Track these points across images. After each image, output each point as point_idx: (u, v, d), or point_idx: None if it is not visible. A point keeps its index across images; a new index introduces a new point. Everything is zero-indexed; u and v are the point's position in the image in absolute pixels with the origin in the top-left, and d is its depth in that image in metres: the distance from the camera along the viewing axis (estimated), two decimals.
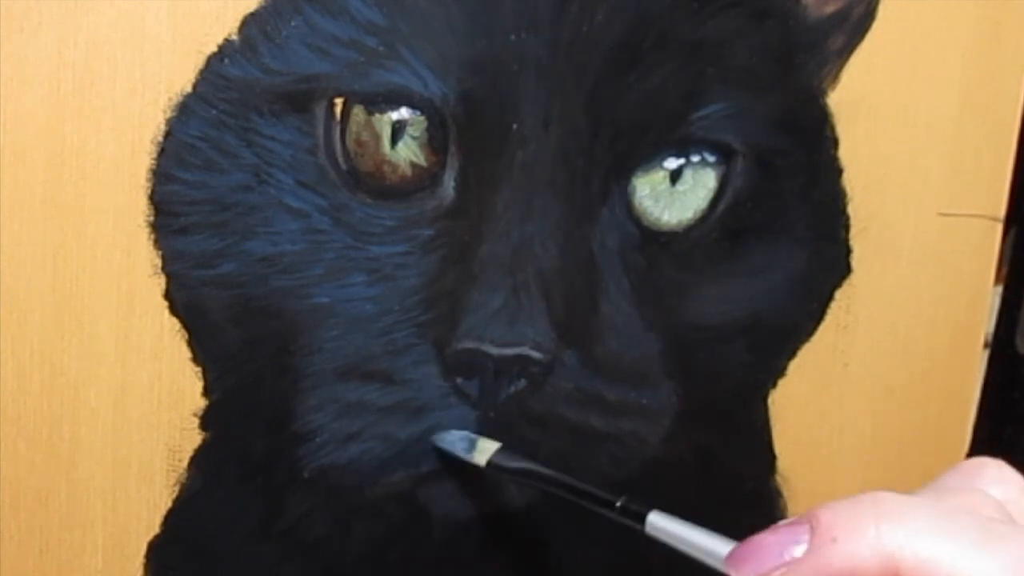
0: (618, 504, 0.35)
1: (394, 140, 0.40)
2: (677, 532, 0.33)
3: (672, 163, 0.42)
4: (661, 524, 0.34)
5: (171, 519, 0.42)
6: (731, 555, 0.30)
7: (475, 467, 0.40)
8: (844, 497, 0.30)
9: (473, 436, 0.41)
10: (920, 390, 0.51)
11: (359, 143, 0.40)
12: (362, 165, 0.40)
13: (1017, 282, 0.61)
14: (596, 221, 0.42)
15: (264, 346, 0.41)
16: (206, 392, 0.41)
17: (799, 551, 0.29)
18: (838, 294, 0.48)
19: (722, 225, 0.43)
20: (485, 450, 0.40)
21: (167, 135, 0.39)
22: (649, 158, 0.42)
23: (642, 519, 0.34)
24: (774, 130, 0.44)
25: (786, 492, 0.49)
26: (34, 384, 0.39)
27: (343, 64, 0.39)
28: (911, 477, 0.51)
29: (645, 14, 0.40)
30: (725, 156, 0.43)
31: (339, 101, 0.39)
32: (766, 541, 0.30)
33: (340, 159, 0.40)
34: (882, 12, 0.45)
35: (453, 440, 0.41)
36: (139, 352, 0.40)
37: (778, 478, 0.48)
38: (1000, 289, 0.60)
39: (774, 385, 0.48)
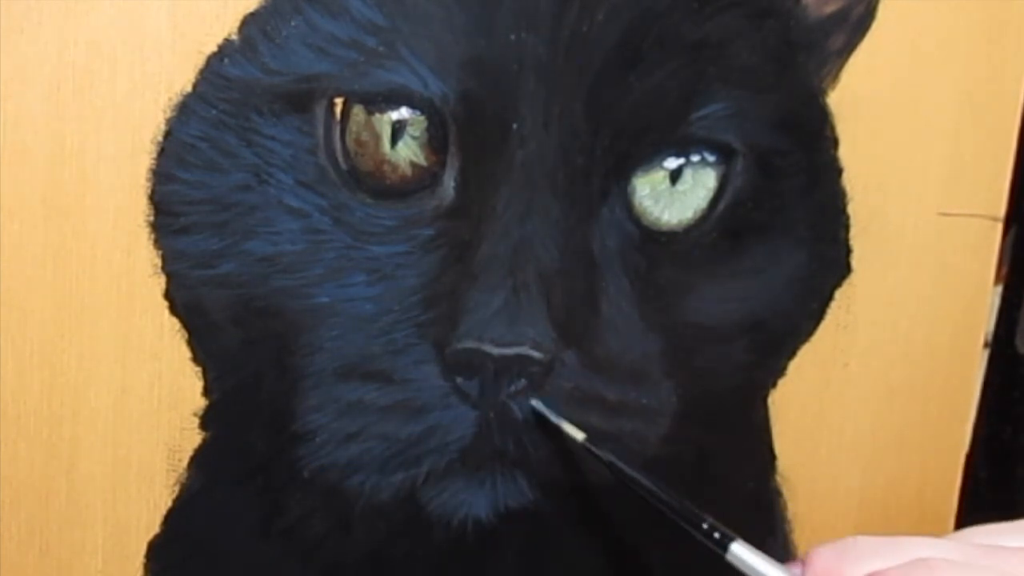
0: (704, 526, 0.36)
1: (394, 140, 0.40)
2: (757, 567, 0.34)
3: (672, 163, 0.42)
4: (743, 555, 0.35)
5: (171, 519, 0.42)
6: None
7: (570, 439, 0.41)
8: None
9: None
10: (920, 390, 0.51)
11: (359, 143, 0.40)
12: (362, 165, 0.40)
13: (1017, 282, 0.61)
14: (596, 221, 0.42)
15: (264, 346, 0.41)
16: (206, 392, 0.41)
17: None
18: (838, 294, 0.48)
19: (722, 225, 0.43)
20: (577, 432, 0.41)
21: (167, 135, 0.39)
22: (649, 158, 0.42)
23: (725, 547, 0.35)
24: (774, 130, 0.44)
25: (786, 492, 0.49)
26: (34, 384, 0.39)
27: (343, 64, 0.39)
28: (911, 477, 0.51)
29: (645, 14, 0.40)
30: (725, 156, 0.43)
31: (339, 101, 0.40)
32: None
33: (340, 159, 0.40)
34: (882, 12, 0.45)
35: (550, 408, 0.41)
36: (139, 352, 0.40)
37: (778, 478, 0.48)
38: (1000, 289, 0.60)
39: (774, 385, 0.48)
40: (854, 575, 0.32)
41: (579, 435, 0.41)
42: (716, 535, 0.36)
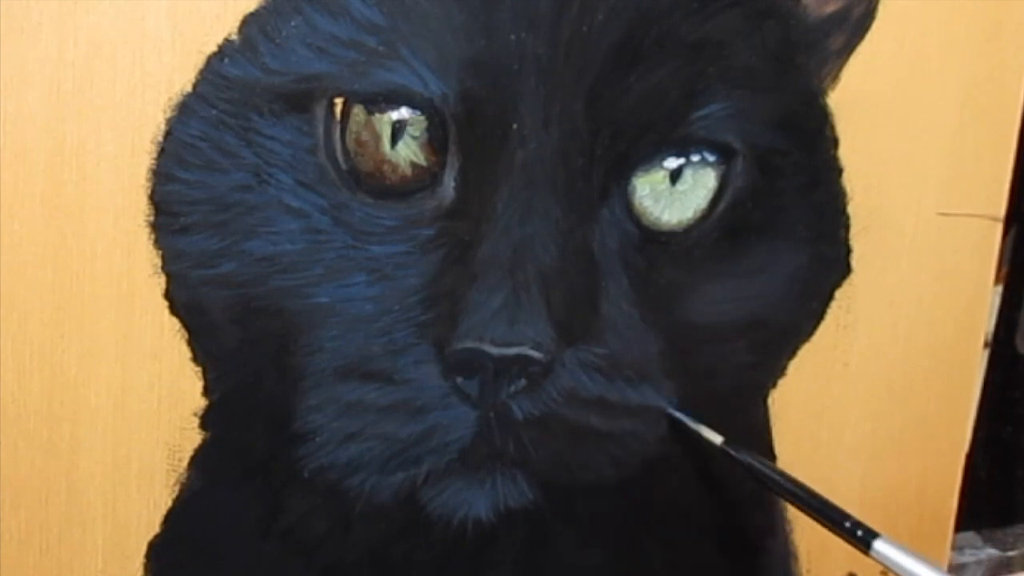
0: (847, 524, 0.38)
1: (394, 140, 0.40)
2: (902, 563, 0.35)
3: (672, 163, 0.42)
4: (887, 551, 0.36)
5: (171, 519, 0.42)
6: None
7: (708, 443, 0.42)
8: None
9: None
10: (920, 390, 0.51)
11: (359, 143, 0.40)
12: (362, 165, 0.40)
13: (1017, 282, 0.61)
14: (596, 221, 0.42)
15: (264, 346, 0.41)
16: (206, 392, 0.41)
17: None
18: (838, 294, 0.48)
19: (722, 225, 0.43)
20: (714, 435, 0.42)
21: (167, 135, 0.39)
22: (649, 158, 0.42)
23: (868, 543, 0.37)
24: (774, 130, 0.44)
25: None
26: (34, 384, 0.39)
27: (343, 64, 0.39)
28: (911, 477, 0.52)
29: (645, 14, 0.40)
30: (725, 156, 0.43)
31: (339, 101, 0.40)
32: None
33: (340, 159, 0.40)
34: (882, 12, 0.45)
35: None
36: (139, 352, 0.40)
37: None
38: (1000, 289, 0.61)
39: (774, 385, 0.48)
40: None
41: (717, 439, 0.42)
42: (859, 532, 0.37)
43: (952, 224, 0.49)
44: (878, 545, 0.36)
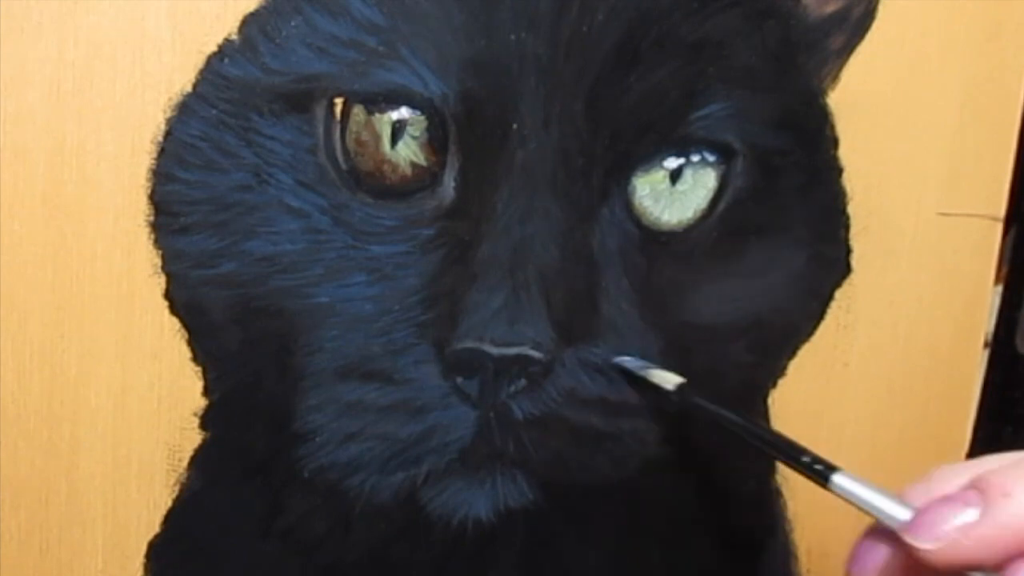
0: (805, 458, 0.37)
1: (394, 140, 0.40)
2: (860, 493, 0.35)
3: (672, 163, 0.42)
4: (845, 484, 0.35)
5: (171, 518, 0.42)
6: (910, 526, 0.32)
7: (664, 393, 0.41)
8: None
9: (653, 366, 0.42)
10: (920, 390, 0.51)
11: (359, 143, 0.40)
12: (362, 165, 0.40)
13: (1017, 282, 0.61)
14: (596, 221, 0.42)
15: (264, 346, 0.41)
16: (206, 392, 0.41)
17: (974, 513, 0.31)
18: (838, 294, 0.48)
19: (722, 225, 0.43)
20: (669, 380, 0.41)
21: (167, 135, 0.39)
22: (649, 158, 0.42)
23: (827, 478, 0.36)
24: (774, 130, 0.44)
25: (786, 492, 0.49)
26: (34, 384, 0.39)
27: (343, 64, 0.39)
28: (911, 477, 0.51)
29: (645, 14, 0.40)
30: (725, 156, 0.43)
31: (339, 101, 0.40)
32: (940, 509, 0.32)
33: (340, 159, 0.40)
34: (882, 12, 0.45)
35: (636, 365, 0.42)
36: (139, 352, 0.40)
37: (778, 478, 0.48)
38: (1000, 289, 0.60)
39: (774, 385, 0.48)
40: (960, 484, 0.33)
41: (673, 382, 0.41)
42: (817, 466, 0.36)
43: (952, 224, 0.49)
44: (837, 479, 0.35)
